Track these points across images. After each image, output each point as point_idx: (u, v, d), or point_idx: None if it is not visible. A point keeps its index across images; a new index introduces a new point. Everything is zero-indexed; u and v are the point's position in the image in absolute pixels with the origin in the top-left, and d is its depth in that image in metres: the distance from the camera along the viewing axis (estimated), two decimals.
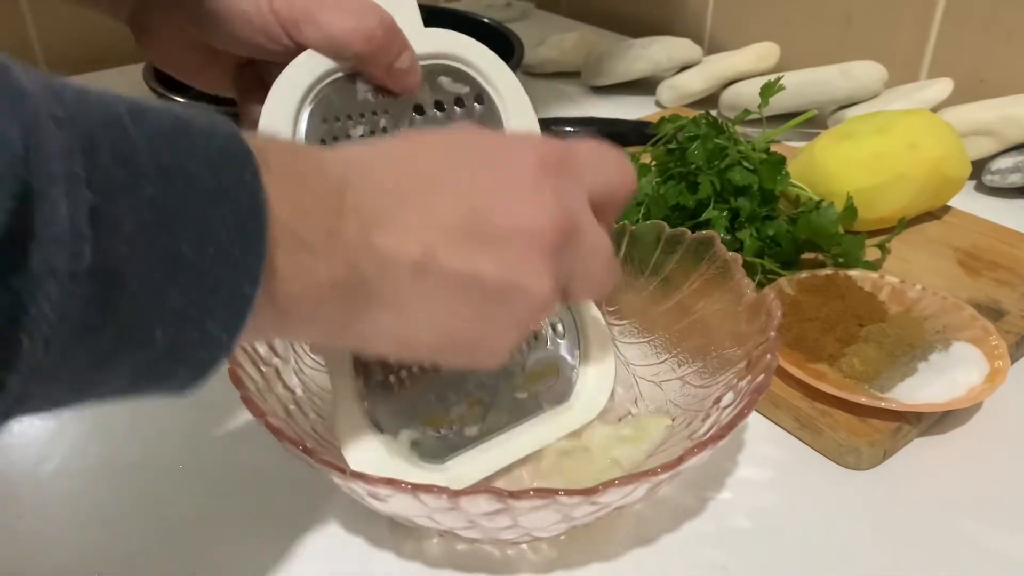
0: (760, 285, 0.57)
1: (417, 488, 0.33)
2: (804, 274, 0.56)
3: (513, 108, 0.45)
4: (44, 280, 0.20)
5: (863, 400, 0.47)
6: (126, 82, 0.45)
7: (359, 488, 0.34)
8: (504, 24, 0.97)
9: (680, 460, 0.35)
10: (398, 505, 0.35)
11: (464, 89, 0.44)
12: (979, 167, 0.74)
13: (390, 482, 0.33)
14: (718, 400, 0.42)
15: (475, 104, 0.44)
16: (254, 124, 0.40)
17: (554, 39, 1.05)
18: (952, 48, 0.85)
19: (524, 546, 0.41)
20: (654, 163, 0.63)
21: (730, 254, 0.48)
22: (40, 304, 0.20)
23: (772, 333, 0.42)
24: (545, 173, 0.33)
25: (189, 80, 0.48)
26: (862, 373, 0.49)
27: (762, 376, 0.40)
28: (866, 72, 0.82)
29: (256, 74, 0.45)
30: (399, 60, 0.41)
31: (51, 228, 0.20)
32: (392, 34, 0.40)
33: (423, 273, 0.30)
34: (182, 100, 0.75)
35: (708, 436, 0.37)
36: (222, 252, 0.24)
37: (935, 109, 0.77)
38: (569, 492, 0.33)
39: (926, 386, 0.48)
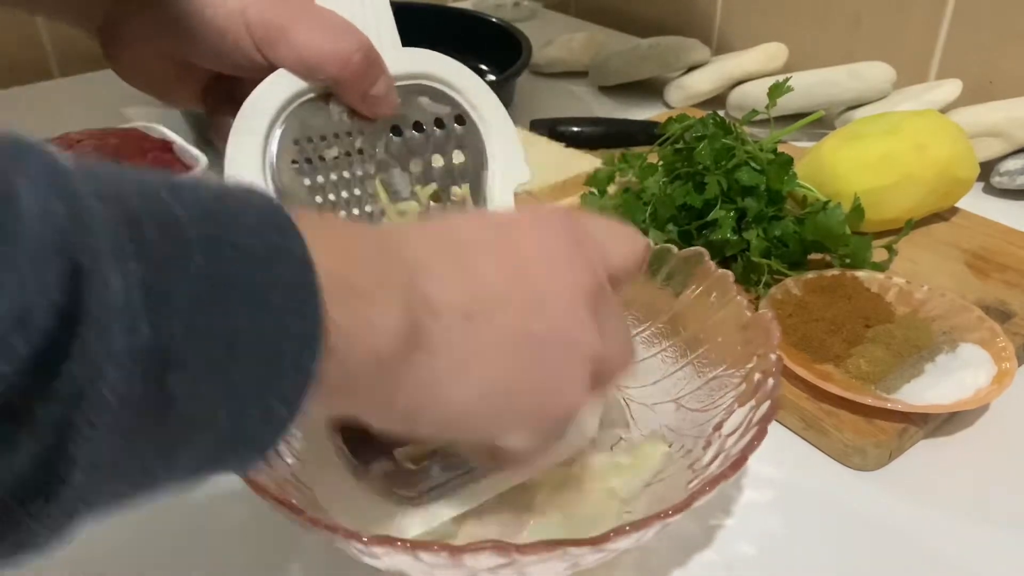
0: (767, 285, 0.57)
1: (416, 546, 0.31)
2: (811, 275, 0.56)
3: (495, 129, 0.44)
4: (101, 362, 0.19)
5: (869, 401, 0.47)
6: None
7: (352, 547, 0.33)
8: (512, 24, 0.97)
9: (692, 499, 0.33)
10: (393, 562, 0.33)
11: (444, 110, 0.43)
12: (987, 169, 0.74)
13: (385, 540, 0.31)
14: (719, 427, 0.40)
15: (455, 125, 0.43)
16: (223, 139, 0.39)
17: (562, 39, 1.05)
18: (961, 49, 0.85)
19: None
20: (661, 163, 0.63)
21: (720, 271, 0.46)
22: (99, 388, 0.19)
23: (772, 356, 0.40)
24: (572, 241, 0.33)
25: (157, 95, 0.46)
26: (868, 374, 0.49)
27: (767, 404, 0.38)
28: (874, 73, 0.82)
29: (227, 90, 0.44)
30: (375, 87, 0.40)
31: (104, 305, 0.19)
32: (369, 60, 0.39)
33: (473, 323, 0.30)
34: None
35: (719, 472, 0.35)
36: (278, 322, 0.23)
37: (944, 110, 0.76)
38: (577, 543, 0.31)
39: (933, 387, 0.48)
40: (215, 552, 0.42)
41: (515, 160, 0.44)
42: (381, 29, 0.41)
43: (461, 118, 0.43)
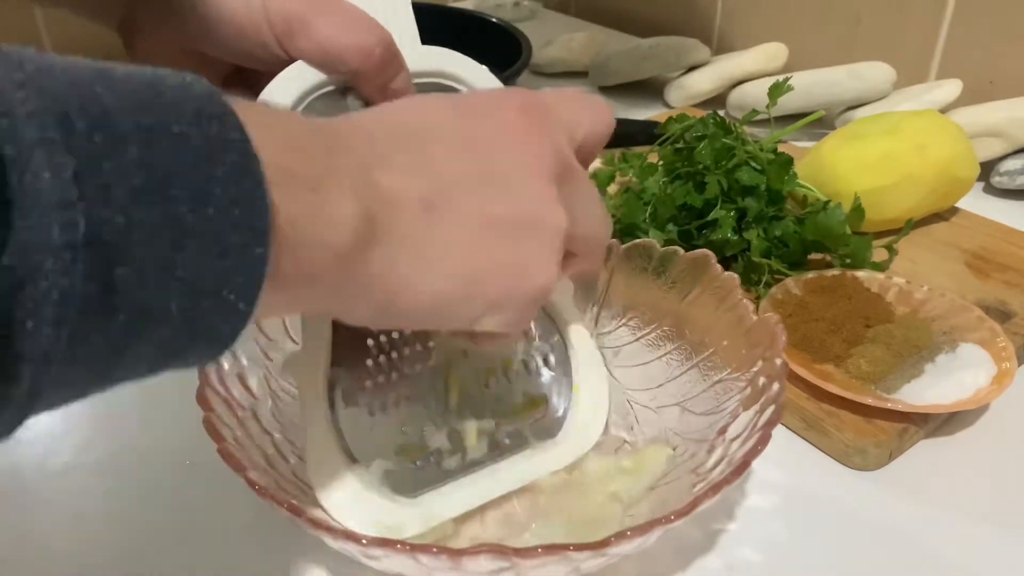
0: (767, 285, 0.57)
1: (415, 548, 0.31)
2: (811, 275, 0.56)
3: None
4: (37, 254, 0.19)
5: (869, 401, 0.47)
6: None
7: (350, 547, 0.33)
8: (512, 24, 0.97)
9: (694, 504, 0.33)
10: (392, 564, 0.33)
11: None
12: (987, 168, 0.74)
13: (385, 542, 0.31)
14: (723, 430, 0.40)
15: None
16: None
17: (562, 39, 1.05)
18: (961, 49, 0.85)
19: None
20: (661, 163, 0.63)
21: (726, 274, 0.46)
22: (37, 281, 0.19)
23: (778, 360, 0.40)
24: (530, 117, 0.33)
25: None
26: (869, 374, 0.49)
27: (772, 409, 0.38)
28: (875, 73, 0.82)
29: (245, 83, 0.44)
30: (394, 81, 0.40)
31: (35, 196, 0.19)
32: (390, 54, 0.39)
33: (433, 211, 0.29)
34: None
35: (722, 477, 0.35)
36: (222, 212, 0.23)
37: (944, 110, 0.76)
38: (578, 547, 0.31)
39: (933, 387, 0.48)
40: (215, 553, 0.42)
41: None
42: (401, 25, 0.41)
43: None
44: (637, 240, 0.50)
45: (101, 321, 0.21)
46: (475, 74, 0.43)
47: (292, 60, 0.39)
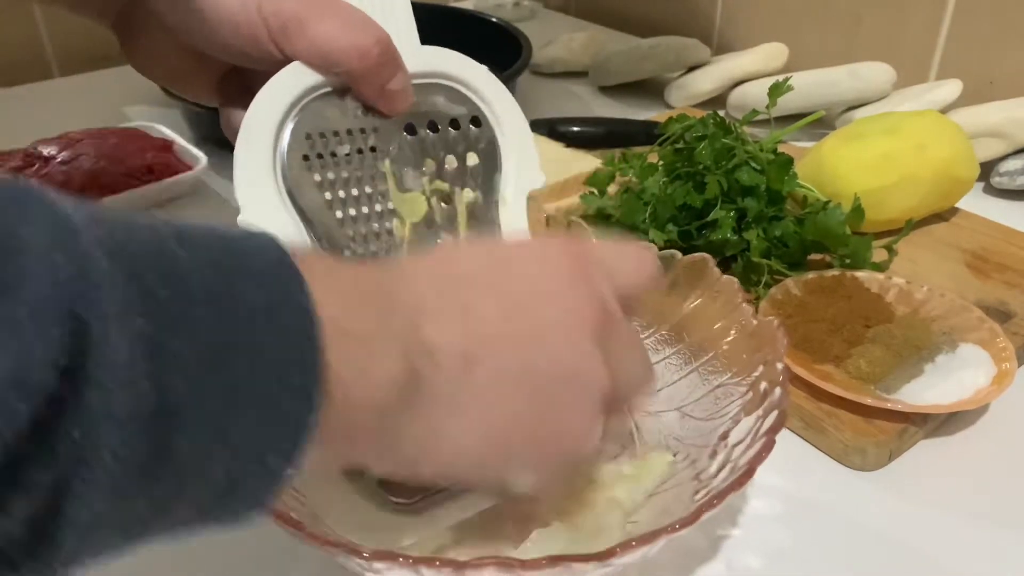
0: (767, 286, 0.57)
1: (418, 561, 0.30)
2: (811, 275, 0.56)
3: (511, 133, 0.43)
4: (102, 425, 0.18)
5: (869, 401, 0.47)
6: (136, 80, 0.45)
7: (352, 562, 0.32)
8: (512, 24, 0.97)
9: (699, 512, 0.33)
10: None
11: (460, 110, 0.42)
12: (988, 169, 0.74)
13: (387, 555, 0.31)
14: (725, 436, 0.40)
15: (471, 127, 0.43)
16: (234, 133, 0.39)
17: (563, 39, 1.05)
18: (961, 50, 0.85)
19: None
20: (661, 163, 0.63)
21: (725, 277, 0.46)
22: (99, 451, 0.18)
23: (779, 365, 0.39)
24: (574, 268, 0.32)
25: (172, 87, 0.46)
26: (868, 374, 0.49)
27: (775, 415, 0.37)
28: (875, 73, 0.82)
29: (241, 82, 0.43)
30: (392, 82, 0.39)
31: (108, 366, 0.18)
32: (387, 54, 0.39)
33: (473, 364, 0.29)
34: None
35: (727, 484, 0.34)
36: (278, 375, 0.23)
37: (944, 110, 0.76)
38: (583, 558, 0.31)
39: (932, 387, 0.48)
40: (215, 559, 0.42)
41: (529, 165, 0.44)
42: (399, 26, 0.40)
43: (477, 120, 0.43)
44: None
45: (147, 486, 0.21)
46: (475, 74, 0.43)
47: (289, 61, 0.39)
